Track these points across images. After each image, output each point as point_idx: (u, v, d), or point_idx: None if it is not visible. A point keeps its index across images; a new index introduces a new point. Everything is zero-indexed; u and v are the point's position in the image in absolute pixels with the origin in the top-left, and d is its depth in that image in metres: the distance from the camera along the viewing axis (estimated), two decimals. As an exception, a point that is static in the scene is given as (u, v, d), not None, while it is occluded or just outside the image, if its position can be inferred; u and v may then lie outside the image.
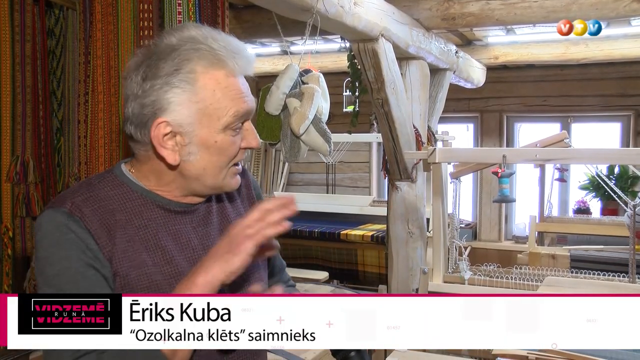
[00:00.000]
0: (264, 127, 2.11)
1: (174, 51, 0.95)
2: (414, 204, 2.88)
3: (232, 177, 1.02)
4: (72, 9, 2.21)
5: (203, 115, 0.95)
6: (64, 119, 2.25)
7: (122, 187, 1.01)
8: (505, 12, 2.71)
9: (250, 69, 1.00)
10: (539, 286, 2.30)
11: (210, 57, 0.94)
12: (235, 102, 0.96)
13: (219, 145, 0.97)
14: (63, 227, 0.93)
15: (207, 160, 0.98)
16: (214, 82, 0.95)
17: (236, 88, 0.96)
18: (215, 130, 0.96)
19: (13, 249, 2.16)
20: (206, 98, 0.95)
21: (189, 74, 0.94)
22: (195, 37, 0.95)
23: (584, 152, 2.46)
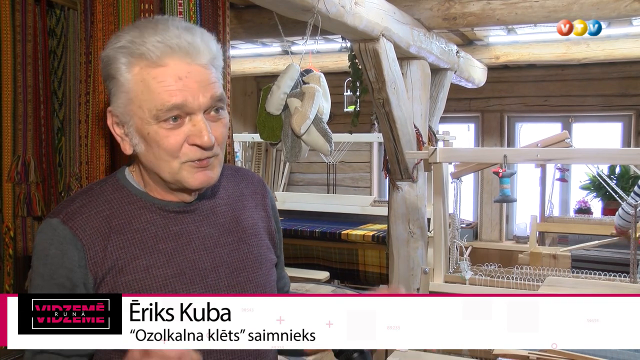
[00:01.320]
0: (264, 127, 2.11)
1: (114, 42, 0.97)
2: (415, 203, 2.88)
3: (190, 173, 0.97)
4: (74, 9, 2.21)
5: (132, 105, 0.96)
6: (65, 119, 2.25)
7: (122, 191, 1.02)
8: (506, 11, 2.71)
9: (187, 58, 0.94)
10: (540, 286, 2.29)
11: (134, 48, 0.94)
12: (161, 95, 0.93)
13: (152, 137, 0.95)
14: (49, 241, 0.97)
15: (150, 152, 0.97)
16: (140, 73, 0.94)
17: (164, 80, 0.93)
18: (146, 121, 0.95)
19: (14, 248, 2.16)
20: (132, 88, 0.95)
21: (122, 64, 0.95)
22: (135, 31, 0.96)
23: (585, 152, 2.46)
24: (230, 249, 1.06)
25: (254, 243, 1.10)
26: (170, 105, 0.93)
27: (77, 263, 0.95)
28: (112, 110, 0.99)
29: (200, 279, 1.01)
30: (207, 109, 0.96)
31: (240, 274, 1.05)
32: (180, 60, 0.94)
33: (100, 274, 0.96)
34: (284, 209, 4.58)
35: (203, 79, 0.95)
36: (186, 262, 1.00)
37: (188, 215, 1.04)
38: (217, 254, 1.04)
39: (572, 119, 5.18)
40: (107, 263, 0.96)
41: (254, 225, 1.11)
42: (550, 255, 3.78)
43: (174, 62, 0.94)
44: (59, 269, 0.95)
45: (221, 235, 1.06)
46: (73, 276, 0.95)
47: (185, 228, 1.02)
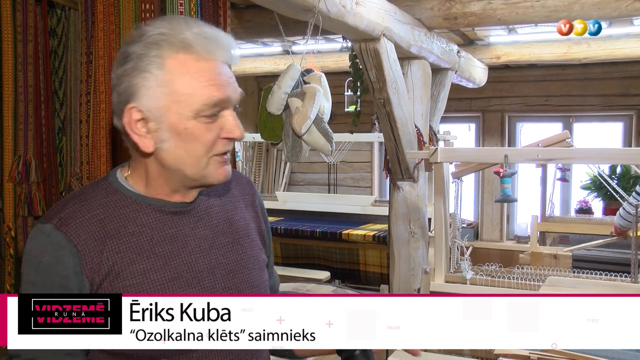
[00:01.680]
0: (265, 127, 2.11)
1: (142, 36, 0.94)
2: (416, 203, 2.88)
3: (216, 167, 0.98)
4: (74, 8, 2.21)
5: (172, 101, 0.93)
6: (66, 119, 2.26)
7: (116, 194, 1.00)
8: (507, 11, 2.70)
9: (227, 56, 0.97)
10: (540, 286, 2.29)
11: (178, 42, 0.92)
12: (206, 89, 0.93)
13: (190, 132, 0.94)
14: (42, 247, 0.94)
15: (182, 148, 0.95)
16: (183, 67, 0.93)
17: (208, 74, 0.93)
18: (185, 116, 0.94)
19: (15, 248, 2.17)
20: (174, 83, 0.93)
21: (157, 57, 0.93)
22: (165, 24, 0.95)
23: (586, 151, 2.46)
24: (225, 251, 1.06)
25: (247, 244, 1.10)
26: (216, 99, 0.94)
27: (72, 270, 0.93)
28: (139, 106, 0.94)
29: (197, 281, 1.00)
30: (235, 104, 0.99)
31: (235, 275, 1.05)
32: (219, 55, 0.95)
33: (97, 279, 0.95)
34: (285, 209, 4.58)
35: (232, 75, 0.98)
36: (183, 265, 1.00)
37: (183, 217, 1.03)
38: (212, 255, 1.03)
39: (573, 119, 5.17)
40: (104, 268, 0.95)
41: (246, 226, 1.11)
42: (551, 255, 3.78)
43: (214, 57, 0.95)
44: (53, 276, 0.93)
45: (216, 237, 1.05)
46: (67, 283, 0.93)
47: (180, 230, 1.02)
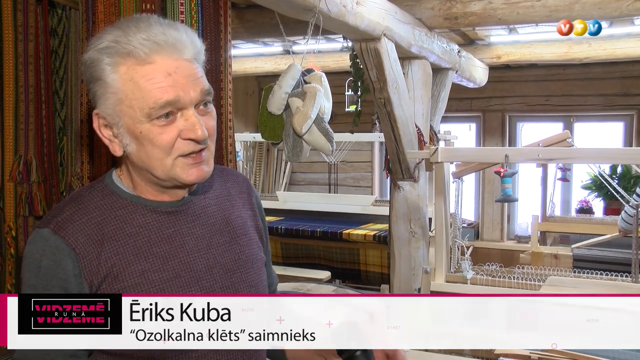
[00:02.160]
0: (266, 127, 2.11)
1: (95, 44, 0.95)
2: (416, 203, 2.88)
3: (184, 168, 0.97)
4: (75, 8, 2.21)
5: (123, 106, 0.95)
6: (67, 119, 2.26)
7: (112, 196, 1.01)
8: (507, 11, 2.70)
9: (182, 54, 0.95)
10: (541, 286, 2.29)
11: (123, 49, 0.93)
12: (153, 91, 0.93)
13: (146, 136, 0.94)
14: (41, 251, 0.95)
15: (143, 151, 0.96)
16: (131, 72, 0.93)
17: (155, 77, 0.93)
18: (138, 120, 0.94)
19: (16, 248, 2.17)
20: (122, 88, 0.94)
21: (107, 65, 0.94)
22: (116, 31, 0.95)
23: (586, 151, 2.46)
24: (223, 250, 1.06)
25: (245, 243, 1.10)
26: (162, 102, 0.93)
27: (72, 273, 0.94)
28: (99, 112, 0.97)
29: (196, 281, 1.00)
30: (198, 103, 0.96)
31: (233, 275, 1.05)
32: (168, 56, 0.94)
33: (96, 282, 0.95)
34: (286, 209, 4.58)
35: (191, 73, 0.96)
36: (181, 264, 1.00)
37: (180, 217, 1.03)
38: (210, 255, 1.04)
39: (573, 119, 5.17)
40: (102, 271, 0.95)
41: (243, 225, 1.11)
42: (551, 255, 3.77)
43: (161, 59, 0.93)
44: (53, 279, 0.93)
45: (213, 236, 1.05)
46: (68, 287, 0.94)
47: (178, 230, 1.02)
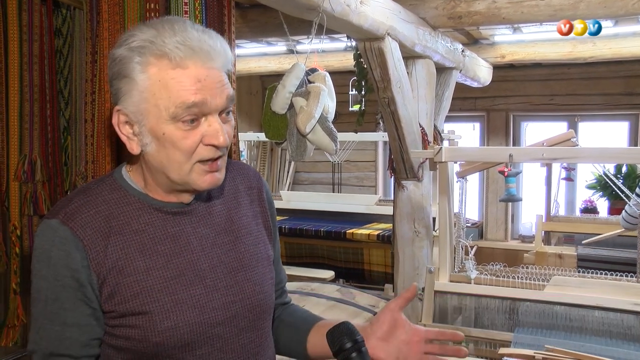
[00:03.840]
0: (270, 126, 2.11)
1: (127, 41, 0.95)
2: (420, 203, 2.87)
3: (200, 174, 0.98)
4: (80, 8, 2.22)
5: (149, 105, 0.95)
6: (71, 118, 2.26)
7: (120, 191, 1.02)
8: (512, 10, 2.69)
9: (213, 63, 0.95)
10: (545, 286, 2.29)
11: (158, 50, 0.93)
12: (181, 93, 0.93)
13: (168, 138, 0.95)
14: (50, 242, 0.96)
15: (163, 153, 0.97)
16: (161, 73, 0.93)
17: (185, 80, 0.93)
18: (163, 121, 0.94)
19: (21, 247, 2.17)
20: (150, 88, 0.94)
21: (138, 64, 0.94)
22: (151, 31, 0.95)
23: (591, 151, 2.44)
24: (227, 249, 1.06)
25: (250, 242, 1.10)
26: (190, 103, 0.93)
27: (81, 263, 0.95)
28: (122, 109, 0.97)
29: (199, 280, 1.01)
30: (222, 110, 0.97)
31: (237, 274, 1.05)
32: (201, 63, 0.94)
33: (102, 273, 0.96)
34: (289, 208, 4.59)
35: (219, 80, 0.96)
36: (185, 263, 1.01)
37: (185, 217, 1.04)
38: (214, 254, 1.04)
39: (578, 118, 5.16)
40: (108, 263, 0.96)
41: (248, 224, 1.12)
42: (556, 255, 3.76)
43: (194, 65, 0.94)
44: (64, 269, 0.95)
45: (217, 236, 1.06)
46: (79, 276, 0.95)
47: (182, 229, 1.03)
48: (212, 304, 1.01)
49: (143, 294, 0.96)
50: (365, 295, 2.96)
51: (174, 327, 0.97)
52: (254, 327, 1.07)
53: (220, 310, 1.02)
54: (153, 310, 0.96)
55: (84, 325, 0.96)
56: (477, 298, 2.35)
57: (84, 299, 0.95)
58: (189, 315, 0.98)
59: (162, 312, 0.97)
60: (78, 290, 0.95)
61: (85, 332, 0.96)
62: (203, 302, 1.00)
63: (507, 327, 2.26)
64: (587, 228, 3.97)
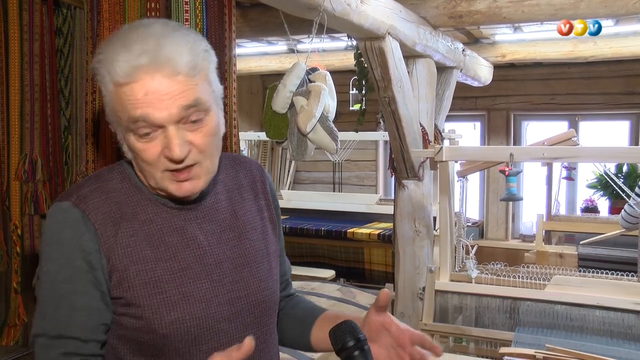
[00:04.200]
0: (270, 126, 2.11)
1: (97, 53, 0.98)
2: (421, 202, 2.87)
3: (170, 182, 0.97)
4: (80, 7, 2.22)
5: (114, 117, 0.98)
6: (72, 117, 2.26)
7: (128, 181, 1.03)
8: (512, 10, 2.69)
9: (159, 72, 0.92)
10: (546, 285, 2.29)
11: (107, 66, 0.94)
12: (127, 108, 0.93)
13: (132, 148, 0.97)
14: (62, 223, 0.96)
15: (135, 161, 1.00)
16: (114, 87, 0.95)
17: (131, 94, 0.92)
18: (124, 132, 0.97)
19: (22, 246, 2.17)
20: (111, 102, 0.97)
21: (102, 77, 0.96)
22: (108, 47, 0.95)
23: (591, 150, 2.45)
24: (232, 245, 1.06)
25: (255, 237, 1.10)
26: (134, 117, 0.93)
27: (93, 247, 0.95)
28: (106, 116, 1.01)
29: (206, 274, 1.01)
30: (180, 119, 0.94)
31: (243, 269, 1.06)
32: (147, 75, 0.92)
33: (113, 259, 0.96)
34: (290, 208, 4.59)
35: (171, 90, 0.92)
36: (191, 257, 1.01)
37: (191, 212, 1.04)
38: (220, 250, 1.04)
39: (578, 118, 5.16)
40: (118, 249, 0.96)
41: (253, 219, 1.12)
42: (556, 254, 3.77)
43: (142, 78, 0.92)
44: (76, 251, 0.94)
45: (223, 232, 1.06)
46: (91, 259, 0.95)
47: (188, 224, 1.03)
48: (217, 299, 1.01)
49: (150, 283, 0.96)
50: (365, 295, 2.96)
51: (180, 320, 0.97)
52: (259, 324, 1.07)
53: (225, 305, 1.02)
54: (159, 301, 0.96)
55: (94, 309, 0.96)
56: (477, 297, 2.35)
57: (94, 282, 0.95)
58: (195, 309, 0.98)
59: (169, 303, 0.97)
60: (89, 272, 0.95)
61: (94, 315, 0.96)
62: (209, 296, 1.00)
63: (508, 326, 2.26)
64: (588, 227, 3.97)
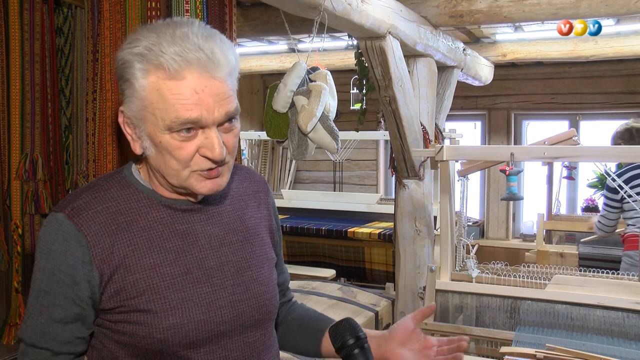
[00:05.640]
0: (271, 125, 2.11)
1: (131, 45, 0.95)
2: (422, 201, 2.87)
3: (198, 181, 0.98)
4: (81, 7, 2.22)
5: (147, 112, 0.95)
6: (73, 117, 2.26)
7: (129, 188, 1.02)
8: (513, 9, 2.69)
9: (213, 73, 0.93)
10: (547, 284, 2.28)
11: (155, 60, 0.92)
12: (175, 108, 0.92)
13: (165, 147, 0.95)
14: (54, 235, 0.96)
15: (161, 159, 0.97)
16: (156, 82, 0.93)
17: (180, 93, 0.92)
18: (159, 129, 0.94)
19: (22, 246, 2.18)
20: (148, 96, 0.94)
21: (138, 71, 0.94)
22: (152, 37, 0.94)
23: (592, 150, 2.44)
24: (235, 248, 1.07)
25: (257, 242, 1.11)
26: (184, 119, 0.92)
27: (81, 260, 0.95)
28: (125, 111, 0.98)
29: (207, 277, 1.01)
30: (222, 122, 0.96)
31: (245, 273, 1.06)
32: (198, 74, 0.92)
33: (108, 271, 0.96)
34: (290, 207, 4.59)
35: (219, 92, 0.94)
36: (193, 261, 1.01)
37: (194, 214, 1.04)
38: (222, 253, 1.04)
39: (579, 117, 5.15)
40: (115, 260, 0.96)
41: (256, 225, 1.13)
42: (557, 254, 3.77)
43: (191, 76, 0.92)
44: (61, 265, 0.95)
45: (226, 235, 1.06)
46: (75, 273, 0.95)
47: (191, 227, 1.03)
48: (218, 303, 1.01)
49: (150, 291, 0.97)
50: (366, 294, 2.96)
51: (178, 325, 0.97)
52: (259, 326, 1.07)
53: (226, 308, 1.02)
54: (159, 307, 0.96)
55: (69, 323, 0.97)
56: (478, 297, 2.34)
57: (73, 298, 0.96)
58: (195, 313, 0.98)
59: (168, 309, 0.97)
60: (70, 287, 0.95)
61: (68, 330, 0.97)
62: (209, 300, 1.00)
63: (509, 325, 2.26)
64: (589, 227, 3.97)
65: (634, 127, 3.42)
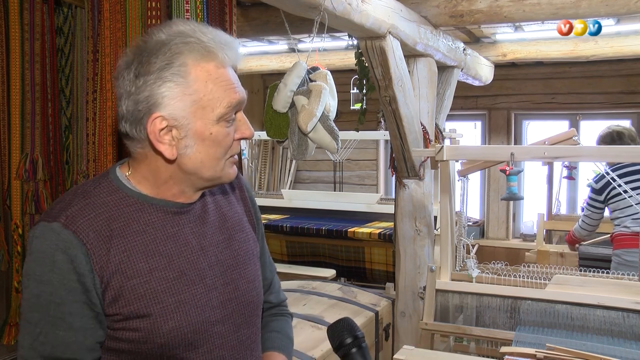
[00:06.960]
0: (271, 125, 2.11)
1: (164, 46, 0.95)
2: (422, 201, 2.87)
3: (230, 167, 1.03)
4: (81, 7, 2.22)
5: (197, 108, 0.96)
6: (73, 117, 2.26)
7: (118, 193, 1.01)
8: (513, 9, 2.69)
9: (238, 59, 1.01)
10: (547, 284, 2.28)
11: (201, 49, 0.95)
12: (227, 93, 0.97)
13: (214, 137, 0.97)
14: (54, 246, 0.93)
15: (204, 153, 0.98)
16: (206, 74, 0.95)
17: (227, 79, 0.97)
18: (210, 121, 0.96)
19: (22, 245, 2.18)
20: (199, 90, 0.95)
21: (181, 67, 0.94)
22: (184, 31, 0.96)
23: (592, 149, 2.44)
24: (222, 247, 1.07)
25: (242, 239, 1.12)
26: (235, 102, 0.98)
27: (85, 267, 0.94)
28: (164, 115, 0.95)
29: (200, 279, 1.02)
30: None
31: (233, 271, 1.07)
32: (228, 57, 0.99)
33: (106, 277, 0.95)
34: (291, 207, 4.59)
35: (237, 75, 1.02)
36: (186, 263, 1.01)
37: (184, 216, 1.04)
38: (211, 252, 1.05)
39: (579, 117, 5.15)
40: (111, 266, 0.95)
41: (239, 221, 1.14)
42: (557, 254, 3.77)
43: (225, 60, 0.98)
44: (69, 274, 0.93)
45: (213, 234, 1.07)
46: (85, 280, 0.94)
47: (181, 229, 1.03)
48: (211, 303, 1.02)
49: (147, 296, 0.96)
50: (366, 294, 2.96)
51: (177, 328, 0.97)
52: (248, 323, 1.09)
53: (218, 308, 1.03)
54: (157, 312, 0.96)
55: (89, 329, 0.95)
56: (478, 297, 2.35)
57: (89, 303, 0.95)
58: (191, 315, 0.99)
59: (166, 313, 0.97)
60: (83, 294, 0.94)
61: (90, 335, 0.95)
62: (203, 301, 1.01)
63: (509, 325, 2.26)
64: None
65: (615, 130, 3.51)
